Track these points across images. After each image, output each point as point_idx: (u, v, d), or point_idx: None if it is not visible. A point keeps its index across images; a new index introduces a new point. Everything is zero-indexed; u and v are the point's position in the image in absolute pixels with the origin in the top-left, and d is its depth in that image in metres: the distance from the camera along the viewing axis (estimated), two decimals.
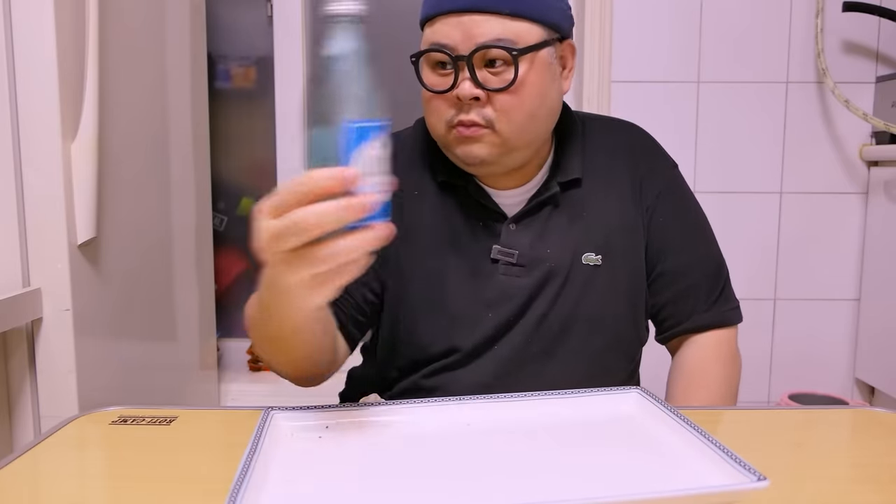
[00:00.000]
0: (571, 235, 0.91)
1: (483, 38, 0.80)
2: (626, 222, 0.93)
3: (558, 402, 0.73)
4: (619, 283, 0.92)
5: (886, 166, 1.75)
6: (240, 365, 2.06)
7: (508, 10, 0.80)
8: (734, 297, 0.99)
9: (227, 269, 2.05)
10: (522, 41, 0.81)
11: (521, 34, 0.81)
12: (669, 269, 0.95)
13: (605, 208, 0.93)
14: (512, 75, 0.80)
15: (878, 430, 0.74)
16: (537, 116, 0.85)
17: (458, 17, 0.80)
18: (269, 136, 1.99)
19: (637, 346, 0.98)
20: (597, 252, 0.91)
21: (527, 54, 0.81)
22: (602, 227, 0.92)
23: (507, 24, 0.80)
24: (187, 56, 1.59)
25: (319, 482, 0.59)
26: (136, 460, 0.67)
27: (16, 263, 1.04)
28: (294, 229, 0.55)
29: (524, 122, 0.83)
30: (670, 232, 0.95)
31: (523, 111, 0.83)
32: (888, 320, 1.72)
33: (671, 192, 0.97)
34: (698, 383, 0.94)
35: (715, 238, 1.00)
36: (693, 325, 0.96)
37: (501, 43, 0.80)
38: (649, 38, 1.79)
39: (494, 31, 0.80)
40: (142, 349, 1.37)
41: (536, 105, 0.84)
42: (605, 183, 0.93)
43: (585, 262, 0.91)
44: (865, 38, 1.79)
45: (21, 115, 1.03)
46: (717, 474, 0.56)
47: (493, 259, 0.90)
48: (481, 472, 0.60)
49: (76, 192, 1.08)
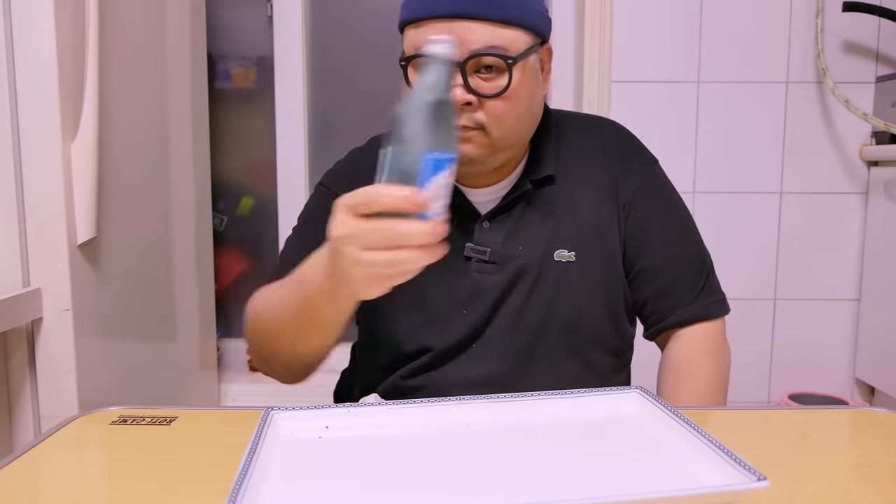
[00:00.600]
0: (543, 232, 0.92)
1: (476, 44, 0.81)
2: (602, 220, 0.93)
3: (558, 402, 0.73)
4: (593, 280, 0.92)
5: (886, 166, 1.75)
6: (240, 365, 2.05)
7: (498, 17, 0.81)
8: (719, 289, 0.99)
9: (227, 269, 2.05)
10: (513, 48, 0.82)
11: (510, 41, 0.82)
12: (650, 265, 0.95)
13: (579, 206, 0.93)
14: (504, 82, 0.82)
15: (878, 430, 0.74)
16: (525, 119, 0.87)
17: (448, 23, 0.81)
18: (269, 136, 1.99)
19: (620, 343, 0.97)
20: (569, 249, 0.92)
21: (519, 62, 0.82)
22: (575, 224, 0.93)
23: (498, 31, 0.81)
24: (187, 56, 1.59)
25: (319, 482, 0.59)
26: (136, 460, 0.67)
27: (16, 263, 1.04)
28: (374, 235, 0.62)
29: (513, 125, 0.85)
30: (649, 228, 0.95)
31: (513, 115, 0.85)
32: (888, 320, 1.72)
33: (649, 187, 0.97)
34: (687, 377, 0.94)
35: (697, 231, 1.00)
36: (678, 320, 0.96)
37: (495, 50, 0.81)
38: (649, 38, 1.79)
39: (486, 39, 0.81)
40: (142, 349, 1.37)
41: (524, 109, 0.86)
42: (580, 181, 0.94)
43: (558, 259, 0.92)
44: (865, 38, 1.79)
45: (21, 115, 1.03)
46: (717, 474, 0.56)
47: (466, 257, 0.91)
48: (481, 472, 0.60)
49: (76, 192, 1.08)
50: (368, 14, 1.95)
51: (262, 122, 2.00)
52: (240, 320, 2.07)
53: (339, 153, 1.08)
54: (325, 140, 2.01)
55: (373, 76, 1.97)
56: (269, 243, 2.04)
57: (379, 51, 1.96)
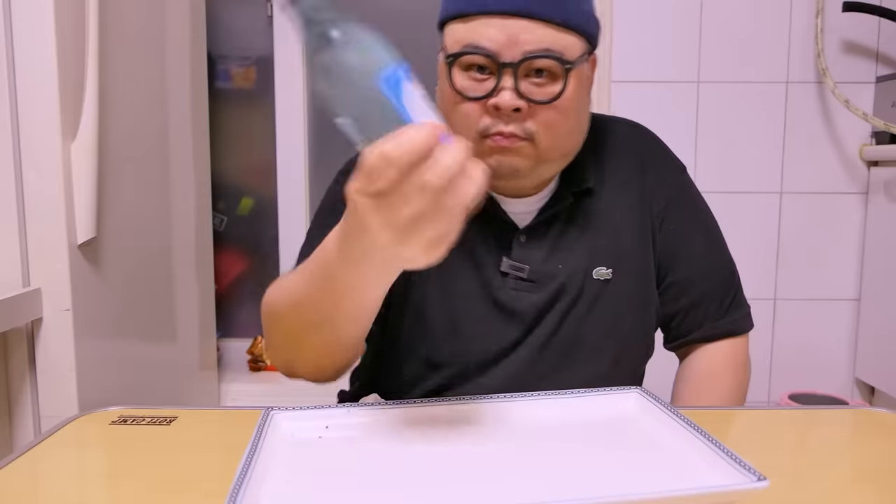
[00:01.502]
0: (583, 249, 0.87)
1: (531, 45, 0.74)
2: (636, 232, 0.90)
3: (558, 402, 0.73)
4: (629, 297, 0.89)
5: (886, 166, 1.75)
6: (240, 365, 2.05)
7: (560, 19, 0.75)
8: (745, 302, 0.97)
9: (227, 269, 2.05)
10: (569, 53, 0.76)
11: (567, 46, 0.76)
12: (682, 279, 0.92)
13: (616, 219, 0.89)
14: (558, 88, 0.76)
15: (878, 430, 0.74)
16: (575, 131, 0.82)
17: (502, 20, 0.74)
18: (269, 136, 1.99)
19: (642, 360, 0.95)
20: (607, 266, 0.87)
21: (575, 68, 0.77)
22: (613, 239, 0.89)
23: (557, 34, 0.75)
24: (187, 56, 1.59)
25: (319, 482, 0.59)
26: (136, 460, 0.67)
27: (16, 263, 1.04)
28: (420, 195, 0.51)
29: (564, 136, 0.80)
30: (682, 240, 0.92)
31: (565, 126, 0.79)
32: (888, 320, 1.72)
33: (681, 198, 0.94)
34: (708, 390, 0.92)
35: (725, 242, 0.97)
36: (706, 334, 0.93)
37: (553, 54, 0.75)
38: (649, 38, 1.79)
39: (545, 41, 0.75)
40: (142, 349, 1.37)
41: (575, 120, 0.80)
42: (615, 191, 0.90)
43: (596, 277, 0.87)
44: (865, 38, 1.79)
45: (21, 115, 1.03)
46: (717, 474, 0.56)
47: (502, 272, 0.86)
48: (481, 472, 0.60)
49: (76, 192, 1.08)
50: (369, 14, 1.95)
51: (262, 122, 2.00)
52: (240, 320, 2.08)
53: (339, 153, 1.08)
54: (325, 140, 2.01)
55: None
56: (269, 243, 2.04)
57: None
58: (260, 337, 2.03)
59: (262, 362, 2.02)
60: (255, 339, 2.03)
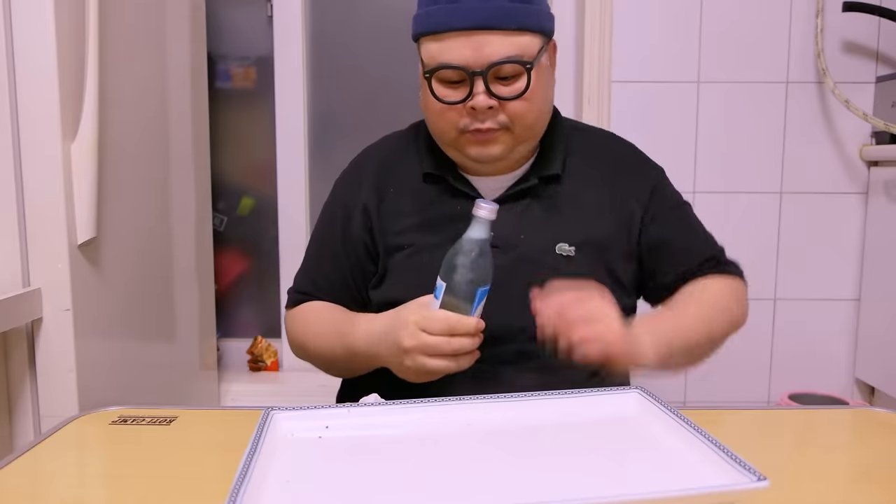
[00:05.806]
0: (546, 226, 0.96)
1: (495, 55, 0.86)
2: (607, 229, 0.97)
3: (558, 402, 0.73)
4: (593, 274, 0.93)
5: (886, 166, 1.75)
6: (240, 365, 2.05)
7: (515, 26, 0.87)
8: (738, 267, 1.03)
9: (227, 269, 2.05)
10: (528, 53, 0.88)
11: (525, 47, 0.88)
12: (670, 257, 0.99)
13: (583, 208, 0.97)
14: (523, 85, 0.88)
15: (878, 430, 0.74)
16: (543, 113, 0.95)
17: (467, 36, 0.86)
18: (269, 136, 1.99)
19: None
20: (570, 244, 0.95)
21: (535, 65, 0.88)
22: (578, 222, 0.96)
23: (514, 39, 0.87)
24: (187, 56, 1.59)
25: (319, 482, 0.59)
26: (136, 460, 0.67)
27: (16, 263, 1.04)
28: (441, 346, 0.79)
29: (534, 121, 0.93)
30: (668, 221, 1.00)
31: (534, 111, 0.91)
32: (888, 320, 1.72)
33: (662, 189, 1.02)
34: (700, 291, 0.96)
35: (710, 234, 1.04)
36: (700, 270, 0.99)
37: (514, 59, 0.87)
38: (649, 38, 1.79)
39: (504, 49, 0.86)
40: (142, 349, 1.37)
41: (541, 104, 0.93)
42: (585, 185, 0.99)
43: (559, 252, 0.95)
44: (865, 38, 1.79)
45: (21, 115, 1.03)
46: (717, 474, 0.56)
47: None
48: (481, 472, 0.60)
49: (76, 192, 1.08)
50: (368, 14, 1.95)
51: (262, 122, 2.00)
52: (240, 320, 2.08)
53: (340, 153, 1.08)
54: (325, 140, 2.01)
55: (373, 76, 1.97)
56: (269, 243, 2.04)
57: (379, 51, 1.96)
58: (260, 337, 2.03)
59: (262, 362, 2.02)
60: (255, 339, 2.03)
